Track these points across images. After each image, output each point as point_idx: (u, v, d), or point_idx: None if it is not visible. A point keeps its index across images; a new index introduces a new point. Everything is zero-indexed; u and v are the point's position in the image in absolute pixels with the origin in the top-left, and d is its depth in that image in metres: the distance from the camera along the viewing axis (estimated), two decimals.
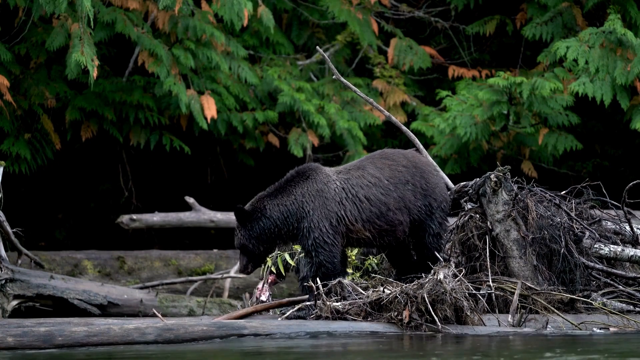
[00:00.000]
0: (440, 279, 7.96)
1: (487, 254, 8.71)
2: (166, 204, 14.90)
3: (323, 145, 15.00)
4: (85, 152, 14.77)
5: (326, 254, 8.47)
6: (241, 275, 12.87)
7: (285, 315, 8.56)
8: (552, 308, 8.43)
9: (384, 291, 8.09)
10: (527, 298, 8.48)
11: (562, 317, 8.37)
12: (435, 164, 9.12)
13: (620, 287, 8.88)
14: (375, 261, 9.40)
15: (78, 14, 11.17)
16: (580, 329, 8.33)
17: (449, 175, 9.96)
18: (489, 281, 8.56)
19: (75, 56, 11.16)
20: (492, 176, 8.75)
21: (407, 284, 8.09)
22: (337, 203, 8.50)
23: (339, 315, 8.16)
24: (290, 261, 9.49)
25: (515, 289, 8.49)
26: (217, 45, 13.56)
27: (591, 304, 8.66)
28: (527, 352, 7.18)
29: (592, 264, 8.84)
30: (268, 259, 9.41)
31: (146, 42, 12.84)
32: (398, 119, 13.66)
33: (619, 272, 8.96)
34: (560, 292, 8.56)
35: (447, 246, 9.05)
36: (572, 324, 8.34)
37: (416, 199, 8.64)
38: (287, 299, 9.14)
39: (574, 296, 8.59)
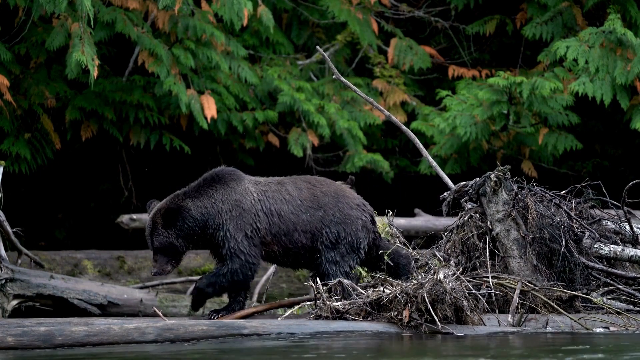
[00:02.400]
0: (440, 278, 7.96)
1: (487, 253, 8.71)
2: None
3: (323, 145, 15.00)
4: (85, 152, 14.76)
5: (241, 263, 8.54)
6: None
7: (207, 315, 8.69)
8: (552, 304, 8.43)
9: (383, 291, 8.09)
10: (526, 294, 8.48)
11: (564, 313, 8.37)
12: (362, 202, 8.91)
13: (620, 286, 8.87)
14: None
15: (78, 13, 11.17)
16: (584, 327, 8.32)
17: (449, 175, 9.96)
18: (489, 281, 8.56)
19: (76, 55, 11.16)
20: (492, 176, 8.75)
21: (407, 284, 8.08)
22: (253, 215, 8.57)
23: (338, 315, 8.17)
24: None
25: (515, 286, 8.49)
26: (217, 45, 13.56)
27: (591, 303, 8.65)
28: (527, 352, 7.18)
29: (592, 264, 8.84)
30: None
31: (146, 42, 12.84)
32: (398, 119, 13.66)
33: (619, 271, 8.96)
34: (560, 289, 8.56)
35: (447, 246, 9.05)
36: (572, 319, 8.34)
37: (324, 226, 8.65)
38: (287, 300, 9.14)
39: (574, 292, 8.58)
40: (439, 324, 7.91)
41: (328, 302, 8.18)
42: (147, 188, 15.50)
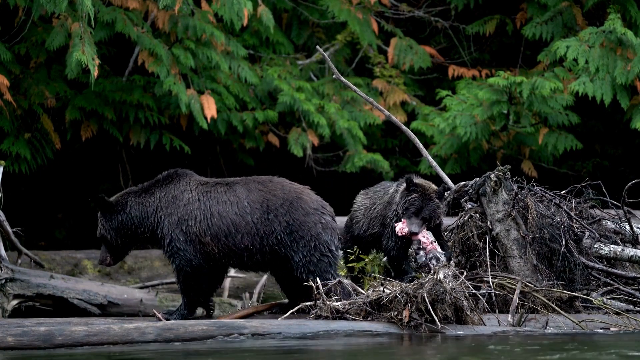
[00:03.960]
0: (440, 278, 7.96)
1: (487, 253, 8.71)
2: None
3: (323, 144, 15.00)
4: (85, 151, 14.76)
5: (181, 258, 8.57)
6: (241, 275, 12.86)
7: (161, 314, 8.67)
8: (552, 305, 8.43)
9: (383, 291, 8.09)
10: (526, 295, 8.48)
11: (563, 314, 8.37)
12: (321, 205, 8.80)
13: (620, 286, 8.87)
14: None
15: (78, 13, 11.16)
16: (582, 328, 8.33)
17: (449, 175, 9.96)
18: (489, 281, 8.56)
19: (76, 55, 11.16)
20: (492, 176, 8.75)
21: (407, 284, 8.08)
22: (189, 212, 8.57)
23: (338, 315, 8.16)
24: None
25: (514, 286, 8.49)
26: (217, 44, 13.56)
27: (591, 303, 8.65)
28: (527, 351, 7.18)
29: (592, 264, 8.84)
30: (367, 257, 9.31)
31: (146, 42, 12.84)
32: (398, 119, 13.67)
33: (619, 271, 8.95)
34: (560, 289, 8.56)
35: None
36: (572, 321, 8.34)
37: (274, 230, 8.55)
38: (287, 300, 9.13)
39: (574, 293, 8.58)
40: (439, 324, 7.91)
41: (328, 302, 8.18)
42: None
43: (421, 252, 8.45)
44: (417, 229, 8.43)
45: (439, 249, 8.43)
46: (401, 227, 8.52)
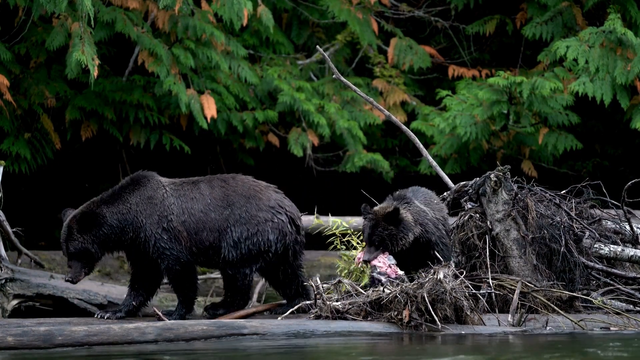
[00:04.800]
0: (440, 278, 7.96)
1: (487, 253, 8.71)
2: None
3: (323, 144, 15.01)
4: (85, 151, 14.76)
5: (168, 257, 8.56)
6: None
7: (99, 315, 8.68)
8: (552, 305, 8.43)
9: (383, 291, 8.09)
10: (526, 295, 8.48)
11: (563, 315, 8.37)
12: (279, 204, 8.79)
13: (620, 286, 8.87)
14: None
15: (78, 13, 11.17)
16: (582, 328, 8.33)
17: (449, 175, 9.96)
18: (489, 281, 8.56)
19: (76, 55, 11.16)
20: (492, 176, 8.75)
21: (407, 284, 8.08)
22: (167, 207, 8.58)
23: (338, 314, 8.16)
24: None
25: (515, 287, 8.49)
26: (217, 44, 13.57)
27: (591, 303, 8.65)
28: (527, 351, 7.18)
29: (591, 264, 8.84)
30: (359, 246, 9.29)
31: (146, 42, 12.84)
32: (398, 119, 13.67)
33: (619, 272, 8.95)
34: (560, 289, 8.56)
35: None
36: (572, 321, 8.34)
37: (229, 224, 8.59)
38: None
39: (574, 293, 8.58)
40: (439, 323, 7.91)
41: (328, 302, 8.18)
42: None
43: (375, 275, 8.40)
44: (367, 256, 8.42)
45: (399, 272, 8.38)
46: (358, 257, 8.56)
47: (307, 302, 8.60)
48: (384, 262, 8.39)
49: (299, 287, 9.02)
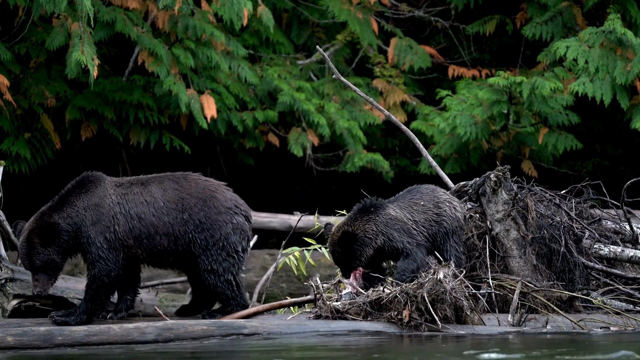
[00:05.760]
0: (440, 278, 7.96)
1: (487, 253, 8.71)
2: None
3: (323, 144, 15.00)
4: (85, 151, 14.76)
5: (101, 267, 8.46)
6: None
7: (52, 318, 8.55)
8: (552, 306, 8.43)
9: (383, 290, 8.09)
10: (526, 295, 8.48)
11: (563, 315, 8.37)
12: (235, 204, 8.73)
13: (620, 287, 8.87)
14: None
15: (78, 13, 11.17)
16: (582, 327, 8.33)
17: (448, 175, 9.95)
18: (489, 280, 8.55)
19: (76, 55, 11.16)
20: (491, 176, 8.75)
21: (407, 284, 8.07)
22: (112, 218, 8.48)
23: (338, 314, 8.16)
24: None
25: (514, 287, 8.48)
26: (217, 44, 13.57)
27: (590, 302, 8.65)
28: (527, 352, 7.19)
29: (591, 264, 8.84)
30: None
31: (146, 42, 12.84)
32: (398, 119, 13.67)
33: (619, 272, 8.95)
34: (559, 289, 8.56)
35: None
36: (572, 321, 8.34)
37: (188, 230, 8.53)
38: (288, 300, 9.14)
39: (573, 293, 8.58)
40: (439, 323, 7.91)
41: (328, 302, 8.18)
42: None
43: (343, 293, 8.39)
44: (343, 278, 8.41)
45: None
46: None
47: (308, 303, 8.57)
48: (357, 279, 8.35)
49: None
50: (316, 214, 9.84)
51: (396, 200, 8.62)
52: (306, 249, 9.45)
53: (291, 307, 9.15)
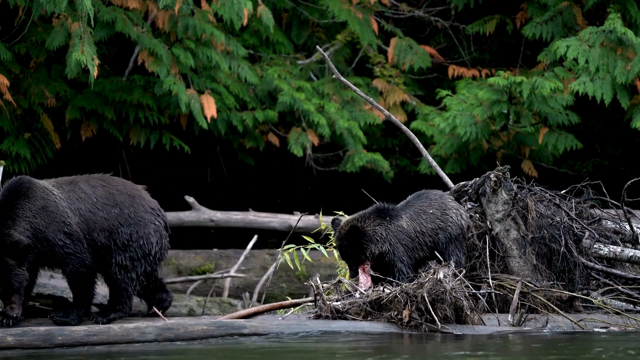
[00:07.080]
0: (440, 278, 7.96)
1: (487, 253, 8.71)
2: (166, 203, 14.82)
3: (323, 144, 15.01)
4: (85, 151, 14.76)
5: (73, 261, 8.32)
6: (241, 275, 12.87)
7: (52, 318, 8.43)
8: (552, 306, 8.43)
9: (383, 290, 8.09)
10: (526, 295, 8.48)
11: (563, 315, 8.37)
12: (158, 207, 8.70)
13: (620, 287, 8.87)
14: None
15: (78, 13, 11.18)
16: (582, 327, 8.33)
17: (448, 175, 9.95)
18: (489, 280, 8.55)
19: (76, 55, 11.17)
20: (491, 176, 8.74)
21: (407, 284, 8.07)
22: (62, 213, 8.33)
23: (338, 314, 8.16)
24: None
25: (514, 286, 8.49)
26: (217, 44, 13.57)
27: (590, 302, 8.65)
28: (527, 352, 7.19)
29: (591, 264, 8.83)
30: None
31: (146, 42, 12.85)
32: (398, 119, 13.67)
33: (618, 272, 8.95)
34: (559, 289, 8.56)
35: None
36: (572, 321, 8.34)
37: (119, 224, 8.46)
38: (288, 301, 9.14)
39: (573, 293, 8.58)
40: (439, 323, 7.91)
41: (328, 302, 8.18)
42: (147, 188, 15.49)
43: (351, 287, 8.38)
44: (352, 274, 8.39)
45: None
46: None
47: (308, 303, 8.56)
48: (366, 273, 8.34)
49: (163, 288, 8.96)
50: (320, 214, 9.82)
51: (407, 208, 8.58)
52: (304, 247, 9.44)
53: (291, 308, 9.15)
